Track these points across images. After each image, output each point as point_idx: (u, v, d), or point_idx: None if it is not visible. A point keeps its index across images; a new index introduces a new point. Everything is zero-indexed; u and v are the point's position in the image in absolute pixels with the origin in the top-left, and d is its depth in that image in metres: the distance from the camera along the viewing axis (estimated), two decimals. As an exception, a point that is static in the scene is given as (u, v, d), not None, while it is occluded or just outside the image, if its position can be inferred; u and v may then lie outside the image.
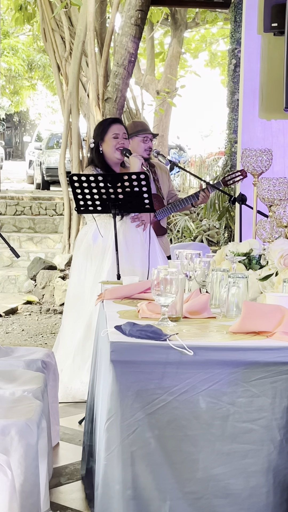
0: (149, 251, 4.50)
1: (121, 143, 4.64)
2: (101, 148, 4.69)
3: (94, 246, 4.67)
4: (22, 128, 44.51)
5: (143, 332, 2.34)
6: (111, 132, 4.65)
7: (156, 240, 4.79)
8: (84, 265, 4.72)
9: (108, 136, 4.66)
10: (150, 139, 5.27)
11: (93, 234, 4.70)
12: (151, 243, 4.62)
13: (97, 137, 4.73)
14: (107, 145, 4.66)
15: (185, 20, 15.34)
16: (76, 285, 4.78)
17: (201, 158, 19.26)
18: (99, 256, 4.65)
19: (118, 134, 4.65)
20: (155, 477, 2.30)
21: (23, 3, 10.96)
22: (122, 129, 4.71)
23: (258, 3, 5.22)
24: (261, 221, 3.42)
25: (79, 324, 4.67)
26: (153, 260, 4.58)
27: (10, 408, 2.84)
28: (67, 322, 4.79)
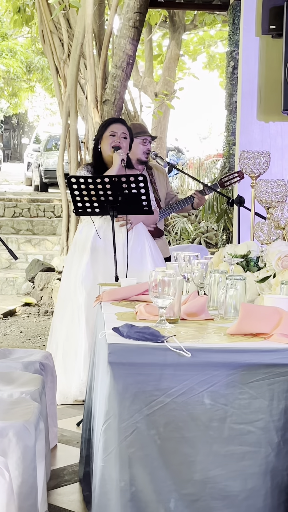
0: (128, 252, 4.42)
1: (117, 141, 4.61)
2: (99, 146, 4.69)
3: (78, 246, 4.69)
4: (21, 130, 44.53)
5: (141, 334, 2.34)
6: (109, 130, 4.64)
7: (147, 242, 4.73)
8: (70, 263, 4.73)
9: (106, 134, 4.64)
10: (149, 141, 5.27)
11: (80, 230, 4.73)
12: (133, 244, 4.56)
13: (97, 135, 4.74)
14: (104, 143, 4.65)
15: (184, 22, 15.34)
16: (63, 284, 4.79)
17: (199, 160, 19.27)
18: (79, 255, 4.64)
19: (115, 133, 4.62)
20: (153, 479, 2.30)
21: (21, 5, 10.97)
22: (122, 128, 4.68)
23: (256, 5, 5.23)
24: (259, 223, 3.43)
25: (62, 324, 4.65)
26: (138, 262, 4.54)
27: (8, 410, 2.84)
28: (55, 322, 4.78)
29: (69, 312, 4.62)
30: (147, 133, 5.30)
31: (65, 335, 4.62)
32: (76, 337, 4.55)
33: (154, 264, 4.62)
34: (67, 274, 4.75)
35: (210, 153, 21.64)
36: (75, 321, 4.57)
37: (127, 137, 4.68)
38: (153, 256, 4.69)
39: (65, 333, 4.62)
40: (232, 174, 5.22)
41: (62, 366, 4.54)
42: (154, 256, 4.71)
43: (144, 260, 4.62)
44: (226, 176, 5.24)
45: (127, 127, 4.76)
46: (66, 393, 4.54)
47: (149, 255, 4.66)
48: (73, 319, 4.59)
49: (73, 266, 4.67)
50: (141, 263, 4.57)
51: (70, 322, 4.60)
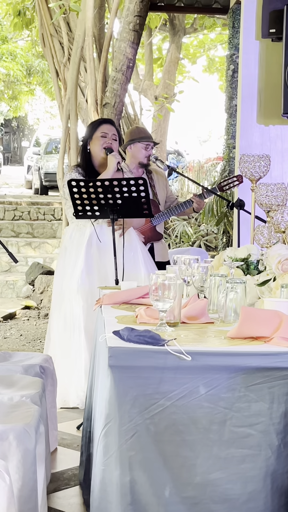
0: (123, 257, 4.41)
1: (109, 142, 4.59)
2: (88, 147, 4.66)
3: (68, 251, 4.66)
4: (21, 133, 44.54)
5: (141, 337, 2.34)
6: (100, 131, 4.61)
7: (139, 247, 4.71)
8: (62, 268, 4.69)
9: (96, 135, 4.62)
10: (151, 147, 5.29)
11: (70, 234, 4.69)
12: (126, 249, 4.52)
13: (86, 135, 4.69)
14: (95, 144, 4.62)
15: (183, 25, 15.35)
16: (56, 288, 4.75)
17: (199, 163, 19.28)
18: (72, 261, 4.60)
19: (106, 134, 4.60)
20: (153, 482, 2.30)
21: (21, 9, 10.98)
22: (113, 130, 4.65)
23: (256, 9, 5.24)
24: (259, 227, 3.43)
25: (59, 326, 4.63)
26: (131, 267, 4.52)
27: (8, 413, 2.84)
28: (51, 325, 4.75)
29: (63, 318, 4.58)
30: (151, 139, 5.32)
31: (60, 342, 4.58)
32: (73, 345, 4.52)
33: (146, 269, 4.61)
34: (59, 280, 4.70)
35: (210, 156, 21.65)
36: (71, 328, 4.53)
37: (117, 138, 4.66)
38: (145, 261, 4.67)
39: (59, 339, 4.59)
40: (231, 178, 5.23)
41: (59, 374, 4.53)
42: (146, 261, 4.69)
43: (137, 265, 4.61)
44: (225, 180, 5.24)
45: (116, 128, 4.74)
46: (66, 400, 4.52)
47: (141, 260, 4.64)
48: (67, 326, 4.54)
49: (66, 273, 4.61)
50: (134, 268, 4.56)
51: (64, 328, 4.56)
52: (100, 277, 4.44)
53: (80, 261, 4.54)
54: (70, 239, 4.67)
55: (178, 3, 8.41)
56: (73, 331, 4.52)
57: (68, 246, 4.67)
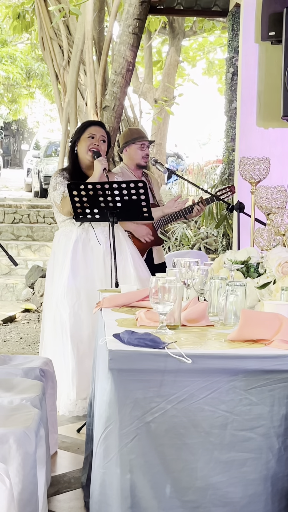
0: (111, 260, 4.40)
1: (95, 144, 4.54)
2: (76, 148, 4.61)
3: (56, 255, 4.63)
4: (20, 136, 44.57)
5: (142, 340, 2.34)
6: (88, 132, 4.56)
7: (128, 250, 4.66)
8: (51, 273, 4.66)
9: (84, 136, 4.56)
10: (147, 146, 5.27)
11: (58, 240, 4.66)
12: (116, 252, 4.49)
13: (74, 136, 4.65)
14: (81, 145, 4.57)
15: (183, 28, 15.36)
16: (46, 292, 4.73)
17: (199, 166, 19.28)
18: (59, 267, 4.57)
19: (94, 135, 4.55)
20: (154, 486, 2.30)
21: (21, 12, 10.98)
22: (101, 131, 4.60)
23: (255, 12, 5.24)
24: (259, 229, 3.43)
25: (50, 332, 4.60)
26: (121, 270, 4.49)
27: (8, 416, 2.84)
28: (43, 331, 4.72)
29: (53, 323, 4.54)
30: (145, 138, 5.29)
31: (51, 348, 4.55)
32: (61, 352, 4.48)
33: (136, 271, 4.58)
34: (49, 286, 4.66)
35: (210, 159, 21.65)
36: (59, 334, 4.50)
37: (105, 140, 4.60)
38: (135, 264, 4.63)
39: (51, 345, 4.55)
40: (225, 188, 5.20)
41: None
42: (137, 264, 4.65)
43: (127, 268, 4.59)
44: (220, 190, 5.22)
45: (106, 130, 4.70)
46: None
47: (131, 264, 4.61)
48: (57, 332, 4.51)
49: (54, 278, 4.59)
50: (124, 271, 4.53)
51: (55, 334, 4.51)
52: (86, 281, 4.41)
53: (66, 266, 4.50)
54: (58, 244, 4.63)
55: (178, 6, 8.42)
56: (61, 337, 4.49)
57: (56, 251, 4.64)
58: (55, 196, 4.52)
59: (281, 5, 4.95)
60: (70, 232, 4.58)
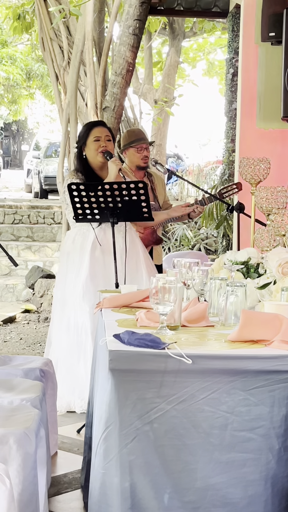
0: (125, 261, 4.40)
1: (103, 146, 4.57)
2: (84, 153, 4.65)
3: (71, 256, 4.64)
4: (20, 137, 44.58)
5: (142, 340, 2.34)
6: (92, 136, 4.60)
7: (141, 251, 4.70)
8: (65, 273, 4.68)
9: (90, 140, 4.60)
10: (145, 148, 5.26)
11: (73, 239, 4.68)
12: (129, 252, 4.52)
13: (79, 142, 4.68)
14: (89, 149, 4.61)
15: (183, 29, 15.37)
16: (58, 293, 4.74)
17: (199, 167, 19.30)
18: (75, 267, 4.58)
19: (99, 137, 4.59)
20: (154, 486, 2.30)
21: (21, 13, 10.99)
22: (105, 131, 4.64)
23: (255, 12, 5.25)
24: (259, 230, 3.43)
25: (63, 332, 4.62)
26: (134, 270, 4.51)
27: (8, 417, 2.83)
28: (53, 330, 4.73)
29: (67, 324, 4.55)
30: (142, 140, 5.27)
31: (62, 349, 4.57)
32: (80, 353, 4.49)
33: (147, 272, 4.60)
34: (61, 286, 4.67)
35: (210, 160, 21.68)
36: (74, 334, 4.51)
37: (110, 139, 4.64)
38: (147, 265, 4.66)
39: (66, 345, 4.57)
40: (231, 185, 5.21)
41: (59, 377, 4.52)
42: (148, 265, 4.69)
43: (139, 268, 4.61)
44: (225, 187, 5.22)
45: (108, 128, 4.73)
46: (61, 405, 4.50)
47: (143, 264, 4.64)
48: (72, 332, 4.52)
49: (69, 278, 4.59)
50: (136, 271, 4.55)
51: (69, 335, 4.54)
52: (105, 282, 4.41)
53: (85, 267, 4.51)
54: (73, 244, 4.64)
55: (178, 7, 8.42)
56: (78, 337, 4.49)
57: (71, 251, 4.64)
58: None
59: (281, 5, 4.95)
60: (87, 231, 4.59)
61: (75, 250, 4.60)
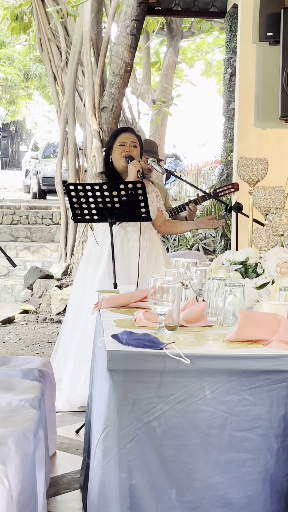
0: (139, 259, 4.45)
1: (127, 151, 4.65)
2: (110, 157, 4.74)
3: (92, 254, 4.71)
4: (19, 137, 44.58)
5: (140, 341, 2.34)
6: (119, 141, 4.69)
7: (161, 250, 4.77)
8: (84, 271, 4.75)
9: (116, 145, 4.69)
10: (151, 160, 5.32)
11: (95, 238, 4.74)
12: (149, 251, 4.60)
13: (107, 146, 4.81)
14: (115, 153, 4.69)
15: (181, 29, 15.38)
16: (75, 292, 4.81)
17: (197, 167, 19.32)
18: (95, 263, 4.66)
19: (125, 142, 4.66)
20: (153, 487, 2.30)
21: (19, 13, 10.98)
22: (131, 137, 4.71)
23: (253, 12, 5.24)
24: (257, 230, 3.43)
25: (75, 331, 4.67)
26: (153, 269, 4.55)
27: (7, 417, 2.83)
28: (65, 329, 4.79)
29: (83, 321, 4.59)
30: (151, 153, 5.38)
31: (78, 344, 4.60)
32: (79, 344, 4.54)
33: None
34: (81, 283, 4.75)
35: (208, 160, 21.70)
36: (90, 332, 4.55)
37: (136, 145, 4.71)
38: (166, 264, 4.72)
39: (78, 342, 4.61)
40: (227, 186, 5.24)
41: (71, 375, 4.54)
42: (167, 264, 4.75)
43: (158, 267, 4.65)
44: (221, 187, 5.25)
45: (136, 135, 4.80)
46: (68, 399, 4.53)
47: (162, 263, 4.70)
48: (86, 329, 4.56)
49: (88, 276, 4.66)
50: (155, 270, 4.59)
51: (83, 331, 4.58)
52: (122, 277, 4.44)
53: (103, 262, 4.59)
54: (95, 241, 4.72)
55: (176, 7, 8.43)
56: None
57: (93, 248, 4.74)
58: None
59: (278, 5, 4.95)
60: (108, 229, 4.63)
61: (96, 247, 4.69)
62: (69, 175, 8.97)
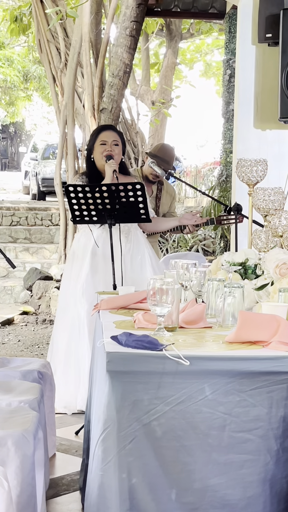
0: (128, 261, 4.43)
1: (108, 150, 4.59)
2: (92, 156, 4.68)
3: (77, 251, 4.69)
4: (18, 138, 44.59)
5: (139, 342, 2.34)
6: (100, 139, 4.63)
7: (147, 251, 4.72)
8: (69, 272, 4.72)
9: (97, 143, 4.64)
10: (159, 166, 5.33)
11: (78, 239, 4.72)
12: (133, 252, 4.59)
13: (89, 145, 4.74)
14: (96, 152, 4.64)
15: (180, 30, 15.38)
16: (62, 292, 4.78)
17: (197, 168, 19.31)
18: (79, 262, 4.63)
19: (106, 141, 4.61)
20: (152, 488, 2.30)
21: (18, 15, 11.00)
22: (112, 135, 4.65)
23: (252, 13, 5.24)
24: (257, 231, 3.43)
25: (65, 331, 4.64)
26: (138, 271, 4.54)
27: (7, 419, 2.83)
28: (56, 330, 4.76)
29: (70, 322, 4.59)
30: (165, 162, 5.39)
31: (66, 346, 4.59)
32: (78, 349, 4.52)
33: (154, 272, 4.61)
34: (66, 284, 4.74)
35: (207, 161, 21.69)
36: (76, 332, 4.55)
37: (118, 143, 4.65)
38: (152, 265, 4.69)
39: (66, 344, 4.59)
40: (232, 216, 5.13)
41: (63, 378, 4.53)
42: (154, 264, 4.71)
43: (144, 268, 4.62)
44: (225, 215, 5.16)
45: (118, 132, 4.74)
46: (68, 405, 4.51)
47: (149, 264, 4.65)
48: (73, 330, 4.56)
49: (72, 276, 4.65)
50: (141, 272, 4.57)
51: (71, 332, 4.58)
52: (106, 282, 4.42)
53: (86, 264, 4.57)
54: (78, 243, 4.73)
55: (175, 8, 8.43)
56: (78, 336, 4.52)
57: (76, 250, 4.73)
58: None
59: (278, 7, 4.95)
60: (89, 232, 4.62)
61: (79, 249, 4.68)
62: (69, 176, 8.98)
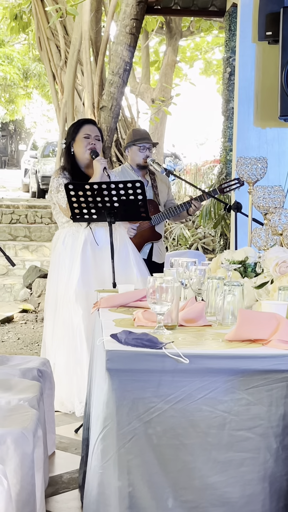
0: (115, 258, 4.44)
1: (92, 143, 4.57)
2: (72, 149, 4.63)
3: (64, 253, 4.61)
4: (18, 136, 44.55)
5: (139, 340, 2.34)
6: (83, 132, 4.59)
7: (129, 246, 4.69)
8: (56, 270, 4.65)
9: (79, 136, 4.60)
10: (148, 148, 5.28)
11: (63, 240, 4.65)
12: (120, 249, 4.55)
13: (68, 137, 4.66)
14: (78, 146, 4.60)
15: (180, 28, 15.37)
16: (50, 290, 4.71)
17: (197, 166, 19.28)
18: (67, 262, 4.56)
19: (89, 135, 4.58)
20: (152, 486, 2.30)
21: (18, 12, 10.99)
22: (95, 130, 4.63)
23: (252, 11, 5.24)
24: (257, 229, 3.43)
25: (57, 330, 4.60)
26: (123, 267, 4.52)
27: (6, 417, 2.83)
28: (46, 328, 4.73)
29: (60, 325, 4.53)
30: (146, 140, 5.30)
31: (56, 349, 4.56)
32: (76, 355, 4.48)
33: (137, 267, 4.60)
34: (53, 288, 4.64)
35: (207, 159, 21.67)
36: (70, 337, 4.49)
37: (99, 138, 4.64)
38: (136, 260, 4.65)
39: (55, 347, 4.56)
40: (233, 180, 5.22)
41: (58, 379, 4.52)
42: (137, 259, 4.67)
43: (128, 264, 4.60)
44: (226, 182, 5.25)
45: (99, 128, 4.73)
46: (66, 405, 4.51)
47: (132, 259, 4.63)
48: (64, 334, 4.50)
49: (61, 280, 4.56)
50: (125, 267, 4.55)
51: (61, 336, 4.53)
52: (97, 283, 4.40)
53: (76, 268, 4.49)
54: (63, 245, 4.60)
55: (175, 6, 8.42)
56: (73, 339, 4.48)
57: (62, 252, 4.60)
58: (59, 198, 4.51)
59: (278, 5, 4.95)
60: (77, 232, 4.57)
61: (66, 251, 4.57)
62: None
